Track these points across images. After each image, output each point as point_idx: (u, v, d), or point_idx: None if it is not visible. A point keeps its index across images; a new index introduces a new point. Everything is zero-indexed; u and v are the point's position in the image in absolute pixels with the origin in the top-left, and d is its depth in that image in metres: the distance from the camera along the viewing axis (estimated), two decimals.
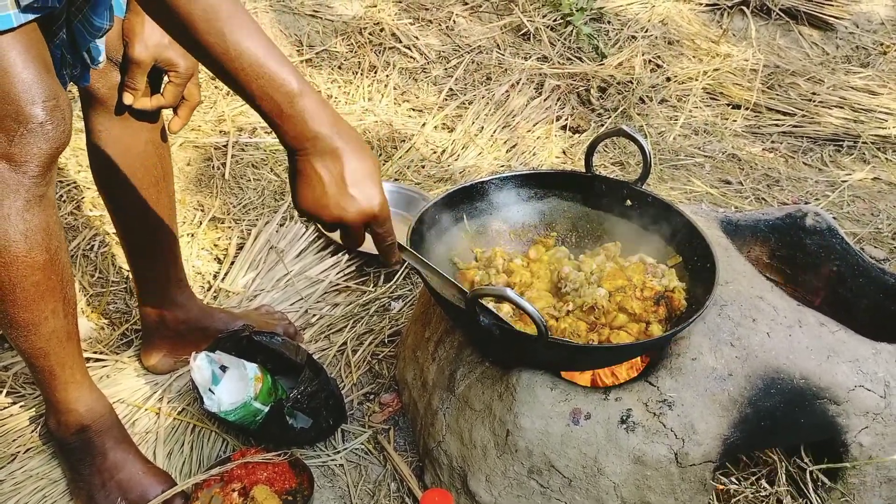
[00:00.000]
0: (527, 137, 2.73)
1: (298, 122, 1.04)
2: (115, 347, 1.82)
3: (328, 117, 1.05)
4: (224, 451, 1.59)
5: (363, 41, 3.07)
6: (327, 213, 1.10)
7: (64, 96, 1.17)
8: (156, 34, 1.35)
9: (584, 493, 1.36)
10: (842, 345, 1.44)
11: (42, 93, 1.13)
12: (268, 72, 1.01)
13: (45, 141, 1.15)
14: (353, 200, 1.09)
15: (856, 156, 2.79)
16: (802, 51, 3.42)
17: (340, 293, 2.02)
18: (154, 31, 1.35)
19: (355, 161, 1.08)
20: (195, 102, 1.46)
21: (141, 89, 1.39)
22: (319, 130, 1.05)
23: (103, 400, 1.45)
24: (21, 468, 1.53)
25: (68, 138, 1.19)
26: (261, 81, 1.02)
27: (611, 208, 1.61)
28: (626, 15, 3.42)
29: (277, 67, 1.02)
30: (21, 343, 1.29)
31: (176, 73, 1.39)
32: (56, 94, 1.15)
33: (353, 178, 1.08)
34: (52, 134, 1.15)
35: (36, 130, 1.14)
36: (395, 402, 1.70)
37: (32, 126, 1.13)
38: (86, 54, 1.28)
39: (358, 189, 1.09)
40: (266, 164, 2.47)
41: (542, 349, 1.26)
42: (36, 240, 1.19)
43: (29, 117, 1.12)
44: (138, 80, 1.37)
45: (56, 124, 1.15)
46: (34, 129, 1.13)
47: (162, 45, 1.36)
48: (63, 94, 1.17)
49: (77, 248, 2.06)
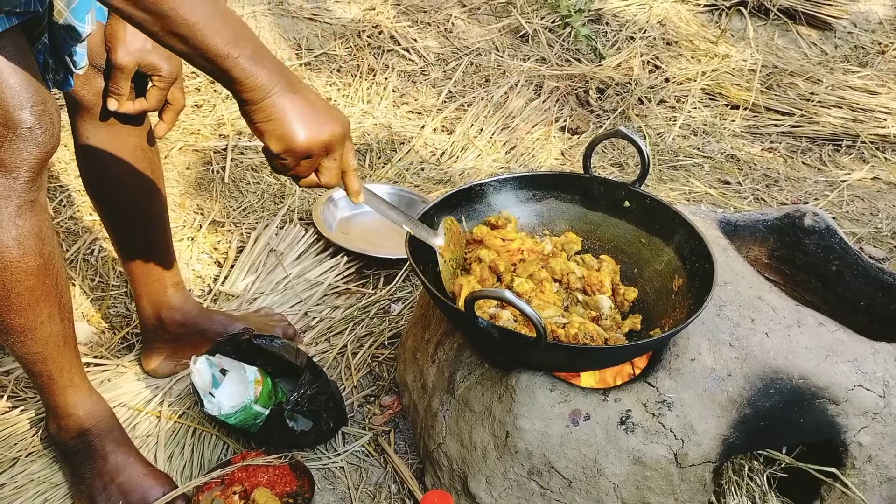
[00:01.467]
0: (525, 139, 2.73)
1: (248, 83, 1.04)
2: (116, 351, 1.82)
3: (268, 64, 1.06)
4: (225, 455, 1.59)
5: (362, 44, 3.08)
6: (319, 138, 1.10)
7: (52, 101, 1.18)
8: (138, 39, 1.34)
9: (584, 494, 1.36)
10: (841, 344, 1.45)
11: (30, 98, 1.13)
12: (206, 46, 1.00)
13: (34, 146, 1.15)
14: (330, 116, 1.11)
15: (855, 155, 2.80)
16: (801, 51, 3.43)
17: (340, 296, 2.03)
18: (137, 36, 1.34)
19: (303, 88, 1.10)
20: (180, 106, 1.46)
21: (125, 94, 1.39)
22: (266, 82, 1.05)
23: (103, 403, 1.45)
24: (22, 472, 1.53)
25: (57, 142, 1.19)
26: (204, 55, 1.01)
27: (609, 209, 1.61)
28: (624, 16, 3.42)
29: (212, 38, 1.00)
30: (18, 348, 1.29)
31: (159, 77, 1.39)
32: (44, 99, 1.15)
33: (315, 101, 1.10)
34: (41, 138, 1.15)
35: (25, 135, 1.14)
36: (395, 405, 1.70)
37: (22, 131, 1.13)
38: (68, 59, 1.28)
39: (324, 108, 1.11)
40: (265, 167, 2.47)
41: (542, 351, 1.26)
42: (29, 245, 1.19)
43: (18, 122, 1.13)
44: (122, 85, 1.38)
45: (45, 129, 1.15)
46: (23, 134, 1.13)
47: (145, 49, 1.35)
48: (51, 98, 1.18)
49: (77, 252, 2.07)
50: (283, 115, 1.07)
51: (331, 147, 1.13)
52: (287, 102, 1.07)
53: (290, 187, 2.39)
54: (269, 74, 1.04)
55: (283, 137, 1.08)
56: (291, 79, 1.08)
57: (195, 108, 2.69)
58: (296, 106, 1.07)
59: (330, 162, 1.15)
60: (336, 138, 1.13)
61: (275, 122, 1.07)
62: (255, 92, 1.05)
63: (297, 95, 1.08)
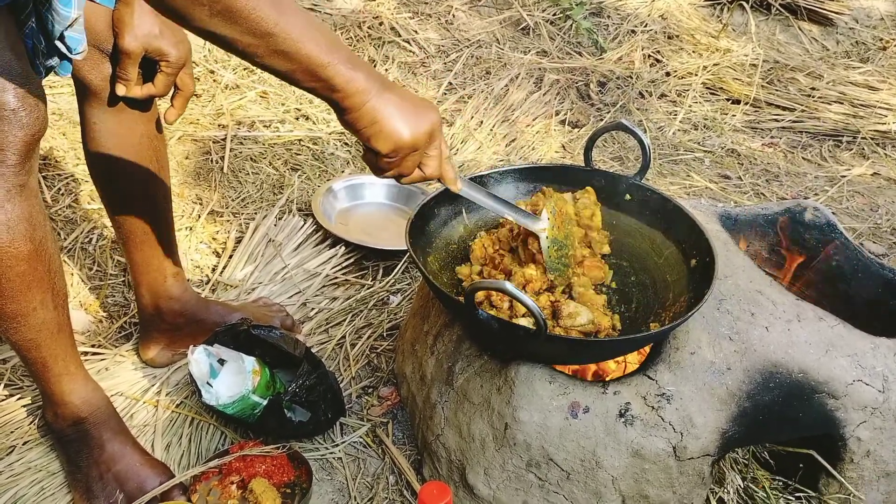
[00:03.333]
0: (526, 132, 2.73)
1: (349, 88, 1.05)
2: (114, 340, 1.82)
3: (362, 68, 1.07)
4: (222, 444, 1.59)
5: (362, 35, 3.07)
6: (422, 130, 1.12)
7: (36, 83, 1.17)
8: (146, 24, 1.33)
9: (582, 486, 1.36)
10: (840, 339, 1.44)
11: (13, 80, 1.13)
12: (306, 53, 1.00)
13: (19, 128, 1.14)
14: (425, 107, 1.13)
15: (855, 151, 2.79)
16: (802, 46, 3.42)
17: (339, 287, 2.02)
18: (144, 21, 1.33)
19: (394, 85, 1.11)
20: (189, 92, 1.45)
21: (132, 80, 1.38)
22: (365, 85, 1.06)
23: (99, 392, 1.45)
24: (19, 460, 1.53)
25: (44, 125, 1.18)
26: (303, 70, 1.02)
27: (610, 203, 1.60)
28: (625, 9, 3.42)
29: (313, 47, 1.01)
30: (11, 335, 1.29)
31: (167, 62, 1.38)
32: (27, 81, 1.14)
33: (408, 96, 1.11)
34: (25, 121, 1.15)
35: (9, 118, 1.13)
36: (393, 396, 1.70)
37: (5, 114, 1.13)
38: (61, 44, 1.26)
39: (418, 101, 1.12)
40: (265, 157, 2.47)
41: (542, 343, 1.26)
42: (19, 230, 1.18)
43: (0, 105, 1.12)
44: (129, 70, 1.37)
45: (29, 111, 1.15)
46: (7, 116, 1.13)
47: (152, 34, 1.34)
48: (35, 80, 1.17)
49: (76, 240, 2.06)
50: (387, 115, 1.08)
51: (433, 137, 1.15)
52: (386, 102, 1.08)
53: (289, 178, 2.38)
54: (366, 78, 1.06)
55: (390, 137, 1.09)
56: (383, 78, 1.10)
57: (194, 98, 2.68)
58: (395, 104, 1.09)
59: (433, 151, 1.17)
60: (436, 127, 1.14)
61: (380, 123, 1.08)
62: (356, 97, 1.06)
63: (393, 94, 1.09)
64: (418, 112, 1.11)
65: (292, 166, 2.45)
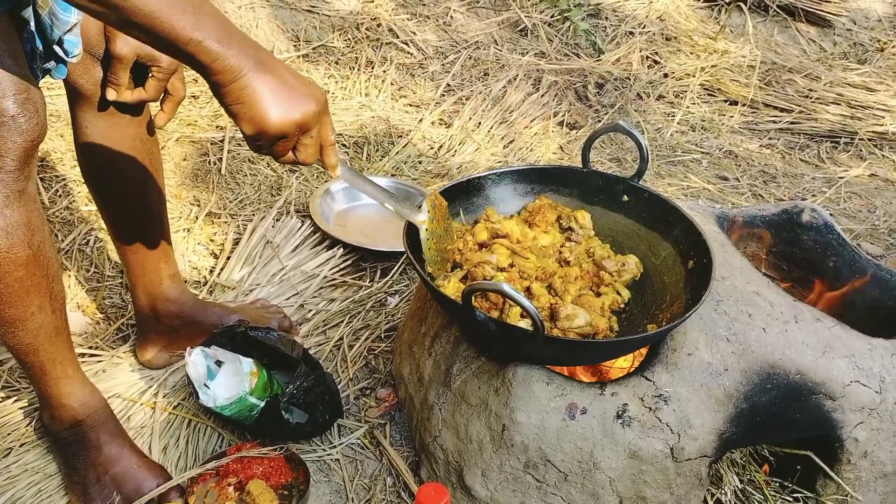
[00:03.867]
0: (524, 133, 2.73)
1: (216, 66, 1.02)
2: (111, 342, 1.82)
3: (235, 45, 1.03)
4: (220, 446, 1.59)
5: (360, 36, 3.07)
6: (292, 118, 1.07)
7: (36, 89, 1.17)
8: None
9: (579, 487, 1.36)
10: (837, 340, 1.44)
11: (12, 86, 1.12)
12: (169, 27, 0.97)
13: (18, 134, 1.14)
14: (305, 94, 1.07)
15: (853, 152, 2.80)
16: (800, 47, 3.42)
17: (337, 288, 2.02)
18: None
19: (276, 65, 1.06)
20: (180, 97, 1.45)
21: (123, 84, 1.38)
22: (235, 63, 1.02)
23: (97, 394, 1.44)
24: (16, 462, 1.52)
25: (43, 131, 1.18)
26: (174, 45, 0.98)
27: (608, 204, 1.60)
28: (623, 11, 3.42)
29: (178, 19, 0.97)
30: (9, 339, 1.29)
31: (158, 68, 1.38)
32: (27, 87, 1.14)
33: (289, 79, 1.07)
34: (25, 127, 1.14)
35: (8, 124, 1.13)
36: (391, 397, 1.70)
37: (4, 120, 1.12)
38: (58, 48, 1.26)
39: (299, 86, 1.07)
40: (262, 159, 2.46)
41: (539, 344, 1.26)
42: (17, 235, 1.18)
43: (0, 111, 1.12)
44: (120, 75, 1.37)
45: (29, 117, 1.15)
46: (6, 122, 1.13)
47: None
48: (35, 86, 1.17)
49: (73, 242, 2.06)
50: (255, 96, 1.04)
51: (306, 126, 1.10)
52: (258, 83, 1.03)
53: (287, 179, 2.38)
54: (237, 55, 1.01)
55: (254, 119, 1.05)
56: (263, 57, 1.05)
57: (192, 100, 2.68)
58: (268, 86, 1.04)
59: (307, 139, 1.12)
60: (310, 116, 1.09)
61: (246, 104, 1.04)
62: (225, 74, 1.02)
63: (269, 75, 1.04)
64: (294, 98, 1.06)
65: (290, 168, 2.45)
